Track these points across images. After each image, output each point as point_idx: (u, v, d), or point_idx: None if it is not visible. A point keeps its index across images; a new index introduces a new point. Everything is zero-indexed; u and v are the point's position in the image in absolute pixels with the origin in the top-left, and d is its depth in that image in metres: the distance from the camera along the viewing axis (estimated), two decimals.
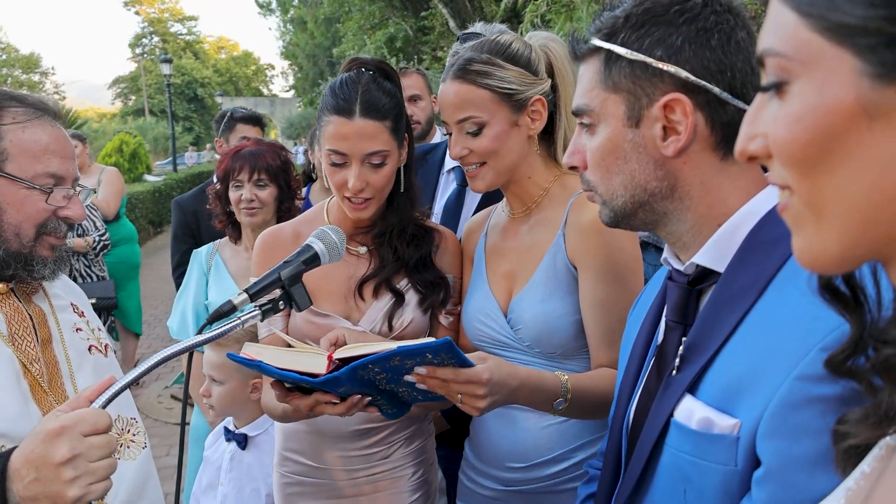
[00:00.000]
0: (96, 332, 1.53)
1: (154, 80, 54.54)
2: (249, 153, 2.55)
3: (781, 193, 0.56)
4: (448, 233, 1.82)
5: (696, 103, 0.93)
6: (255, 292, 1.22)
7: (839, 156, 0.49)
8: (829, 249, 0.53)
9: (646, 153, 0.96)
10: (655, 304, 1.11)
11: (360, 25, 20.25)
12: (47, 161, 1.31)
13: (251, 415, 2.18)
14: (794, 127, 0.51)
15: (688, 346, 0.94)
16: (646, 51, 0.93)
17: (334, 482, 1.75)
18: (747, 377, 0.83)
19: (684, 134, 0.93)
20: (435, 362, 1.25)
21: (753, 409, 0.81)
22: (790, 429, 0.77)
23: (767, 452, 0.79)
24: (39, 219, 1.31)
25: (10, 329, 1.32)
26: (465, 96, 1.54)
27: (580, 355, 1.55)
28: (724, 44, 0.93)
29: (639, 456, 0.96)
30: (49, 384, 1.35)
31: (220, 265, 2.64)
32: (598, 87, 0.99)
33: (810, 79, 0.50)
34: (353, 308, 1.70)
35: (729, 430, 0.83)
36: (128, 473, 1.42)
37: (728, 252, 0.94)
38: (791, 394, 0.77)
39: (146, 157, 18.71)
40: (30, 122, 1.32)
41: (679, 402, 0.91)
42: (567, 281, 1.53)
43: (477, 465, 1.70)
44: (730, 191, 0.96)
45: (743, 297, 0.89)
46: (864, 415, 0.60)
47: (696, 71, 0.92)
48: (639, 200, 0.98)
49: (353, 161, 1.57)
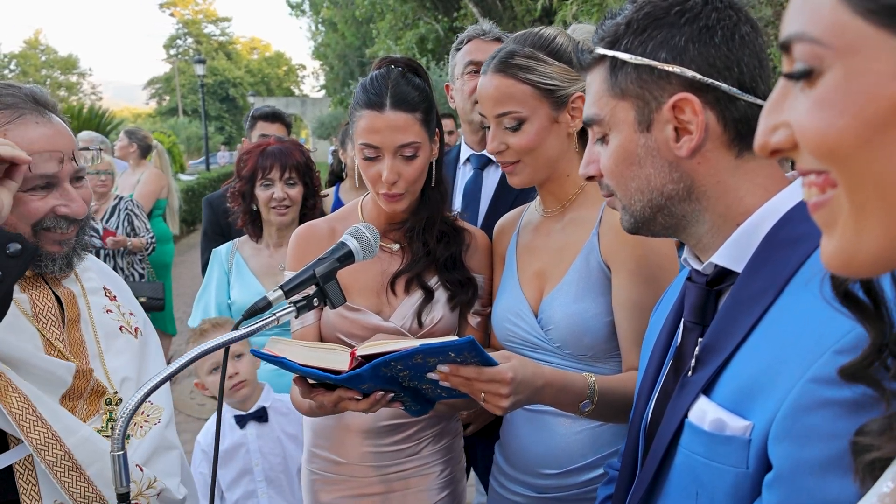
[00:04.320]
0: (127, 316, 1.57)
1: (188, 81, 55.44)
2: (279, 151, 2.55)
3: (808, 190, 0.53)
4: (478, 232, 1.83)
5: (706, 101, 0.92)
6: (289, 289, 1.24)
7: (883, 148, 0.46)
8: (864, 250, 0.49)
9: (660, 156, 0.96)
10: (676, 305, 1.10)
11: (392, 26, 20.34)
12: (34, 164, 1.27)
13: (258, 388, 2.29)
14: (830, 116, 0.48)
15: (704, 346, 0.93)
16: (650, 54, 0.93)
17: (363, 478, 1.77)
18: (761, 379, 0.82)
19: (696, 132, 0.92)
20: (458, 361, 1.25)
21: (766, 411, 0.80)
22: (801, 432, 0.76)
23: (778, 456, 0.78)
24: (34, 218, 1.31)
25: (34, 309, 1.36)
26: (506, 90, 1.52)
27: (611, 358, 1.52)
28: (728, 40, 0.92)
29: (653, 457, 0.96)
30: (72, 358, 1.39)
31: (242, 263, 2.65)
32: (606, 95, 0.99)
33: (849, 66, 0.46)
34: (384, 304, 1.72)
35: (741, 432, 0.83)
36: (136, 448, 1.43)
37: (747, 252, 0.93)
38: (803, 396, 0.76)
39: (180, 157, 19.06)
40: (10, 124, 1.27)
41: (694, 402, 0.90)
42: (600, 281, 1.50)
43: (508, 471, 1.68)
44: (747, 189, 0.95)
45: (760, 297, 0.88)
46: (887, 424, 0.56)
47: (703, 69, 0.92)
48: (657, 204, 0.98)
49: (385, 153, 1.60)
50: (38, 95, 1.34)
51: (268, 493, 2.23)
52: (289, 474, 2.24)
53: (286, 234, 2.57)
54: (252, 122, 3.59)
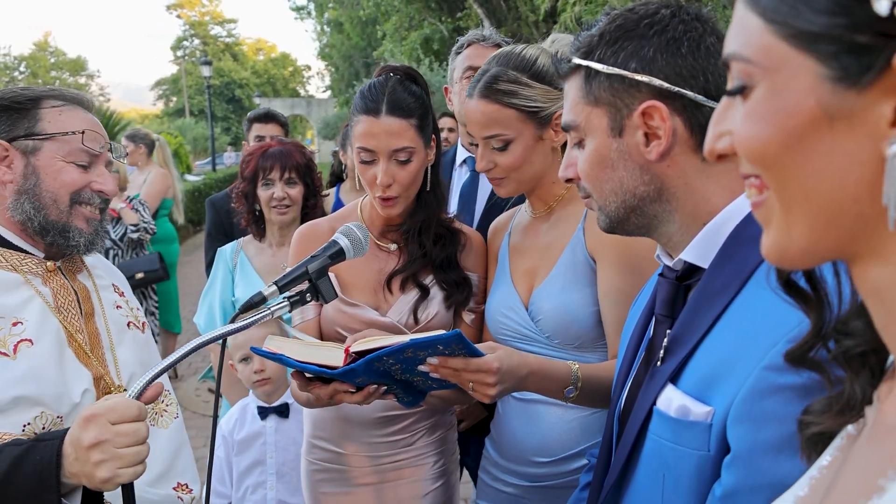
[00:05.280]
0: (134, 311, 1.67)
1: (194, 82, 55.70)
2: (279, 152, 2.62)
3: (749, 191, 0.59)
4: (473, 233, 1.90)
5: (673, 108, 0.98)
6: (283, 284, 1.30)
7: (802, 155, 0.51)
8: (795, 245, 0.55)
9: (631, 160, 1.02)
10: (650, 299, 1.16)
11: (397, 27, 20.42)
12: (85, 138, 1.46)
13: (285, 385, 2.35)
14: (757, 126, 0.53)
15: (672, 338, 0.99)
16: (621, 64, 0.99)
17: (360, 468, 1.83)
18: (722, 367, 0.88)
19: (664, 138, 0.98)
20: (446, 353, 1.32)
21: (725, 397, 0.86)
22: (756, 415, 0.82)
23: (735, 438, 0.84)
24: (74, 187, 1.45)
25: (56, 302, 1.45)
26: (492, 115, 1.58)
27: (599, 348, 1.58)
28: (693, 50, 0.98)
29: (625, 443, 1.02)
30: (91, 352, 1.47)
31: (246, 262, 2.71)
32: (581, 103, 1.05)
33: (773, 82, 0.52)
34: (381, 300, 1.79)
35: (703, 417, 0.88)
36: (162, 440, 1.54)
37: (712, 249, 0.99)
38: (758, 382, 0.82)
39: (186, 157, 19.15)
40: (65, 107, 1.48)
41: (661, 391, 0.96)
42: (586, 272, 1.57)
43: (500, 461, 1.74)
44: (713, 190, 1.01)
45: (724, 291, 0.94)
46: (827, 404, 0.62)
47: (670, 78, 0.98)
48: (630, 205, 1.04)
49: (380, 157, 1.67)
50: (83, 96, 1.55)
51: (276, 486, 2.30)
52: (299, 470, 2.30)
53: (288, 233, 2.65)
54: (248, 124, 3.65)
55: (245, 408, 2.38)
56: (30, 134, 1.42)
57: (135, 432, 1.13)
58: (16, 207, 1.42)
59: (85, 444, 1.11)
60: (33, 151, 1.42)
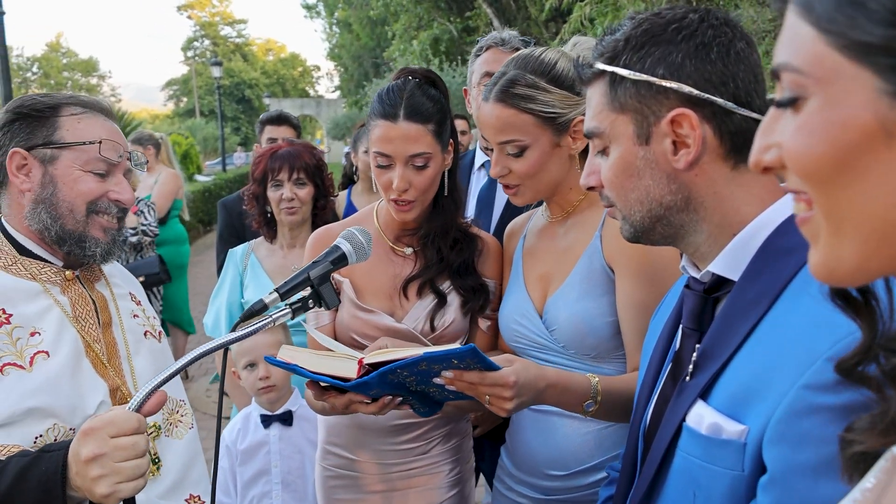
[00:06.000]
0: (151, 320, 1.65)
1: (204, 83, 55.94)
2: (287, 153, 2.61)
3: (797, 205, 0.56)
4: (491, 239, 1.87)
5: (703, 116, 0.95)
6: (285, 291, 1.27)
7: (856, 172, 0.49)
8: (844, 263, 0.52)
9: (658, 168, 0.99)
10: (675, 311, 1.13)
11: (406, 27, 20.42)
12: (102, 148, 1.45)
13: (289, 392, 2.32)
14: (810, 140, 0.51)
15: (701, 352, 0.96)
16: (648, 70, 0.96)
17: (374, 475, 1.81)
18: (756, 384, 0.85)
19: (694, 146, 0.95)
20: (461, 367, 1.29)
21: (760, 415, 0.83)
22: (795, 436, 0.79)
23: (772, 459, 0.81)
24: (91, 196, 1.44)
25: (74, 311, 1.44)
26: (508, 120, 1.54)
27: (616, 358, 1.54)
28: (723, 56, 0.95)
29: (652, 459, 0.99)
30: (108, 362, 1.46)
31: (256, 265, 2.69)
32: (606, 109, 1.02)
33: (827, 95, 0.49)
34: (397, 306, 1.76)
35: (737, 436, 0.85)
36: (176, 451, 1.52)
37: (743, 261, 0.96)
38: (797, 402, 0.79)
39: (197, 158, 19.23)
40: (84, 114, 1.46)
41: (691, 407, 0.93)
42: (603, 282, 1.53)
43: (514, 472, 1.70)
44: (743, 199, 0.98)
45: (756, 305, 0.91)
46: (871, 422, 0.60)
47: (699, 85, 0.94)
48: (655, 215, 1.01)
49: (397, 162, 1.65)
50: (104, 103, 1.54)
51: (282, 496, 2.27)
52: (305, 479, 2.27)
53: (298, 235, 2.64)
54: (260, 126, 3.64)
55: (248, 416, 2.35)
56: (48, 143, 1.41)
57: (133, 445, 1.10)
58: (33, 216, 1.41)
59: (83, 459, 1.09)
60: (51, 160, 1.41)
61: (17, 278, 1.39)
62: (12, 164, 1.40)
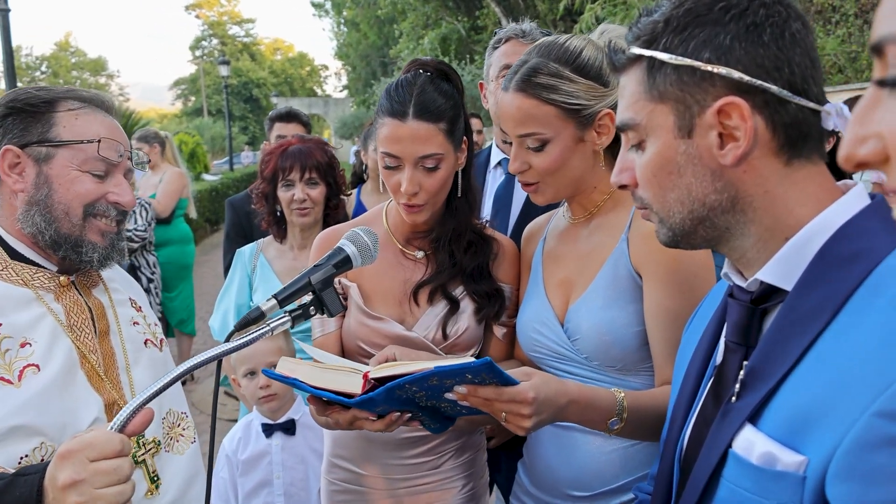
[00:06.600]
0: (152, 328, 1.56)
1: (212, 82, 56.01)
2: (298, 151, 2.49)
3: None
4: (507, 241, 1.76)
5: (754, 105, 0.85)
6: (283, 298, 1.17)
7: None
8: None
9: (701, 164, 0.88)
10: (714, 321, 1.03)
11: (414, 26, 20.37)
12: (101, 147, 1.37)
13: (291, 400, 2.24)
14: None
15: (749, 370, 0.86)
16: (691, 54, 0.86)
17: (382, 491, 1.71)
18: (817, 410, 0.75)
19: (744, 139, 0.85)
20: (475, 382, 1.19)
21: (823, 446, 0.73)
22: (867, 471, 0.68)
23: (839, 497, 0.71)
24: (88, 199, 1.35)
25: (69, 320, 1.35)
26: (529, 111, 1.43)
27: (643, 370, 1.44)
28: (777, 38, 0.85)
29: (693, 487, 0.89)
30: (105, 373, 1.37)
31: (266, 265, 2.60)
32: (642, 99, 0.92)
33: None
34: (407, 313, 1.66)
35: (794, 468, 0.75)
36: (178, 467, 1.43)
37: (797, 268, 0.85)
38: (868, 432, 0.68)
39: (204, 157, 19.18)
40: (82, 109, 1.38)
41: (738, 431, 0.83)
42: (630, 288, 1.42)
43: (533, 491, 1.59)
44: (797, 200, 0.88)
45: (813, 319, 0.81)
46: None
47: (750, 70, 0.84)
48: (698, 216, 0.91)
49: (406, 164, 1.54)
50: (104, 98, 1.46)
51: None
52: (308, 490, 2.19)
53: (310, 236, 2.53)
54: (269, 124, 3.57)
55: (249, 425, 2.26)
56: (43, 140, 1.32)
57: (115, 470, 0.99)
58: (26, 219, 1.32)
59: (59, 485, 0.98)
60: (46, 159, 1.32)
61: (7, 284, 1.31)
62: (4, 163, 1.32)
